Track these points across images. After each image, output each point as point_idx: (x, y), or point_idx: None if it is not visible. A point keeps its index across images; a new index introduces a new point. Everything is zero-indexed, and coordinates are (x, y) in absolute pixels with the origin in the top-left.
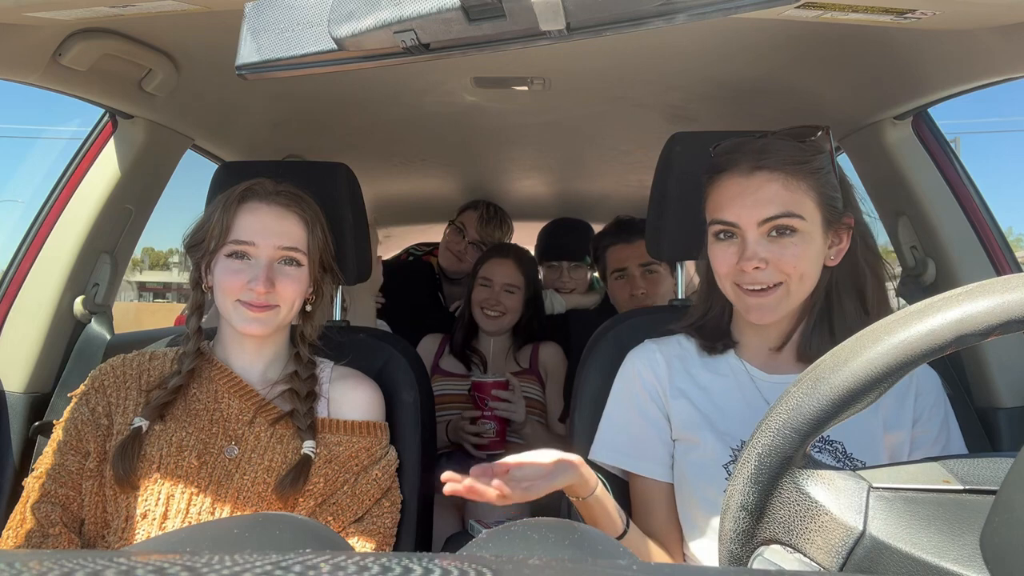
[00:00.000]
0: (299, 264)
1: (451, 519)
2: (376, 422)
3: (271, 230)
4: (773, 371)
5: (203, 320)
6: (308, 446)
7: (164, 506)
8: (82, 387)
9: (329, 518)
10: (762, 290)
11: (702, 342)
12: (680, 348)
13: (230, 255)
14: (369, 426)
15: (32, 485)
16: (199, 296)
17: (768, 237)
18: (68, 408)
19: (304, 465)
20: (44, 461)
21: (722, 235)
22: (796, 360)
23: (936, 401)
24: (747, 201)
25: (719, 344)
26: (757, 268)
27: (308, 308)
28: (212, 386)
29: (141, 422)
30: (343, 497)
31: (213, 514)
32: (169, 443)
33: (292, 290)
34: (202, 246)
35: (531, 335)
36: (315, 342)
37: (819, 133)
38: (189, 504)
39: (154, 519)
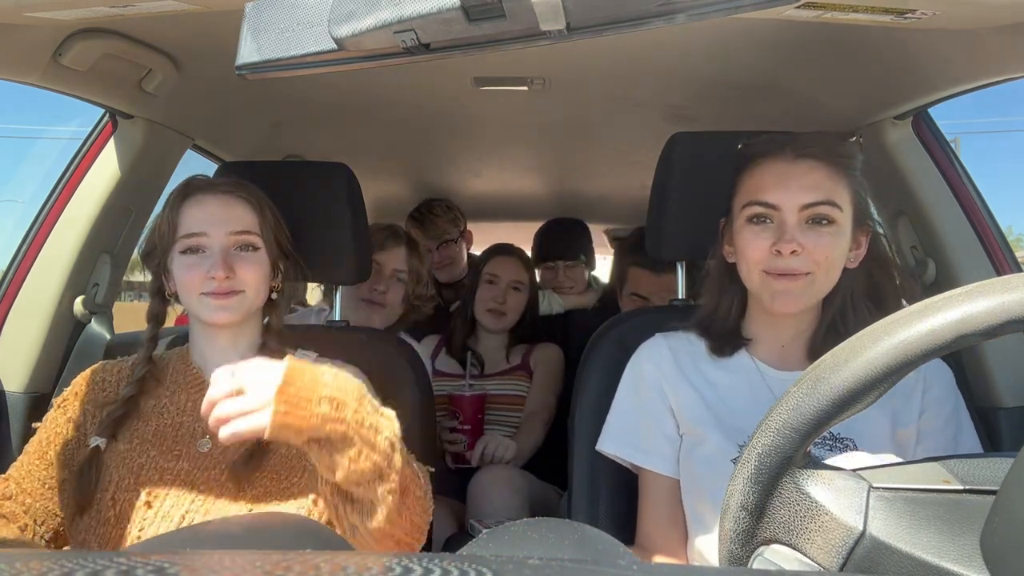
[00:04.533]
0: (255, 248)
1: (451, 519)
2: None
3: (219, 218)
4: (784, 367)
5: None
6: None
7: (147, 503)
8: (65, 392)
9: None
10: (792, 275)
11: (711, 344)
12: (690, 344)
13: (184, 251)
14: None
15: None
16: (157, 305)
17: (806, 224)
18: (48, 415)
19: (258, 447)
20: (18, 465)
21: (757, 219)
22: (807, 357)
23: (945, 395)
24: (791, 185)
25: (728, 347)
26: (794, 252)
27: (274, 296)
28: (184, 395)
29: (99, 441)
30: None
31: (189, 508)
32: (132, 460)
33: (253, 273)
34: (155, 251)
35: (526, 335)
36: (283, 331)
37: (853, 139)
38: (165, 499)
39: (134, 518)
